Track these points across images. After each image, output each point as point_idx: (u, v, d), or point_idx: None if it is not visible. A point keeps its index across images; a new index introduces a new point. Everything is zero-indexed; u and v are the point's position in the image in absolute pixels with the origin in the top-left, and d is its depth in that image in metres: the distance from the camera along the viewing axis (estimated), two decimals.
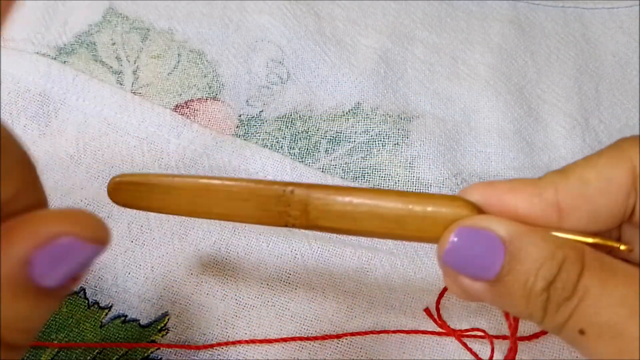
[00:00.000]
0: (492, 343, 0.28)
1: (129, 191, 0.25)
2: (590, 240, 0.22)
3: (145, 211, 0.25)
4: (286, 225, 0.23)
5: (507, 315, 0.26)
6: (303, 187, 0.23)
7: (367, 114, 0.37)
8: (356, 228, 0.23)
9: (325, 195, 0.23)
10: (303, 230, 0.32)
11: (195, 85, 0.37)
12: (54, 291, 0.18)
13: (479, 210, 0.22)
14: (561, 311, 0.21)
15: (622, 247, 0.22)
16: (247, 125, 0.36)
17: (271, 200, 0.23)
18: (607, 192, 0.22)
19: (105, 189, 0.33)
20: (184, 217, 0.32)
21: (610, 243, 0.22)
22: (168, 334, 0.29)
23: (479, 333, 0.29)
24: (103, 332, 0.29)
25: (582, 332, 0.20)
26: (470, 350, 0.28)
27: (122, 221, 0.32)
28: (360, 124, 0.36)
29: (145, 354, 0.28)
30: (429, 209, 0.22)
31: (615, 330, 0.20)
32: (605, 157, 0.23)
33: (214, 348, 0.28)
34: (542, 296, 0.21)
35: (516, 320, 0.25)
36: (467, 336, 0.29)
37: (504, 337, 0.29)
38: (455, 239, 0.22)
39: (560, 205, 0.22)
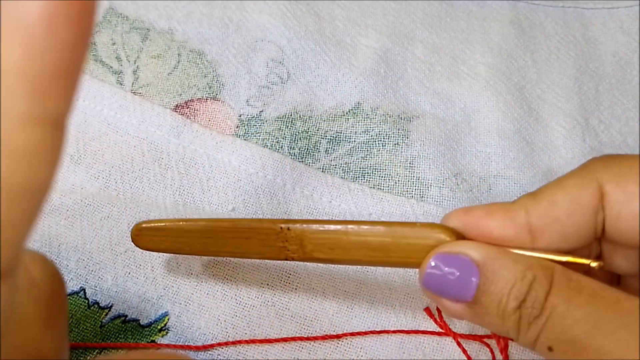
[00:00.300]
0: (492, 352, 0.28)
1: (149, 236, 0.28)
2: (563, 258, 0.23)
3: (165, 253, 0.28)
4: (286, 259, 0.26)
5: (493, 334, 0.27)
6: (298, 224, 0.25)
7: (367, 114, 0.37)
8: (347, 258, 0.25)
9: (318, 230, 0.25)
10: None
11: (195, 85, 0.37)
12: None
13: (458, 235, 0.24)
14: (532, 329, 0.22)
15: (593, 264, 0.23)
16: (247, 125, 0.36)
17: (271, 237, 0.26)
18: (575, 212, 0.23)
19: (106, 189, 0.33)
20: (183, 217, 0.32)
21: (581, 261, 0.23)
22: (168, 334, 0.29)
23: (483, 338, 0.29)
24: (103, 332, 0.29)
25: (550, 348, 0.22)
26: (465, 353, 0.28)
27: (122, 221, 0.32)
28: (360, 124, 0.36)
29: None
30: (411, 237, 0.24)
31: (579, 346, 0.21)
32: (572, 178, 0.24)
33: (214, 348, 0.29)
34: (515, 315, 0.22)
35: (505, 338, 0.26)
36: (466, 338, 0.29)
37: (505, 339, 0.29)
38: (434, 265, 0.23)
39: (532, 227, 0.23)
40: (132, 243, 0.31)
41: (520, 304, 0.22)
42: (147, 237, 0.28)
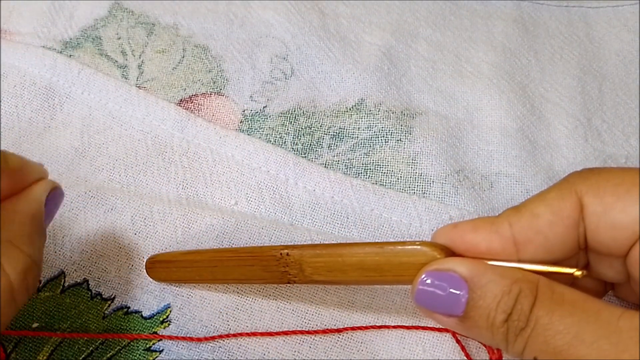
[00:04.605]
0: (488, 348, 0.28)
1: (161, 268, 0.29)
2: (548, 269, 0.23)
3: (177, 283, 0.30)
4: (289, 282, 0.27)
5: (487, 346, 0.28)
6: (296, 249, 0.26)
7: (370, 110, 0.37)
8: (345, 279, 0.26)
9: (315, 254, 0.26)
10: (305, 225, 0.33)
11: (199, 80, 0.37)
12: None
13: (447, 252, 0.24)
14: (518, 341, 0.23)
15: (577, 273, 0.23)
16: (250, 120, 0.36)
17: (272, 264, 0.27)
18: (556, 224, 0.24)
19: (110, 182, 0.34)
20: (187, 210, 0.32)
21: (564, 270, 0.23)
22: (170, 326, 0.29)
23: None
24: (106, 323, 0.29)
25: (535, 359, 0.22)
26: (464, 349, 0.29)
27: (125, 214, 0.32)
28: (363, 120, 0.36)
29: (147, 345, 0.29)
30: (403, 255, 0.25)
31: (561, 357, 0.21)
32: (553, 191, 0.25)
33: (216, 340, 0.29)
34: (503, 328, 0.23)
35: (498, 350, 0.27)
36: (465, 335, 0.29)
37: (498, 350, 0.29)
38: (424, 282, 0.24)
39: (516, 239, 0.24)
40: (135, 236, 0.31)
41: (507, 317, 0.22)
42: (160, 269, 0.29)
